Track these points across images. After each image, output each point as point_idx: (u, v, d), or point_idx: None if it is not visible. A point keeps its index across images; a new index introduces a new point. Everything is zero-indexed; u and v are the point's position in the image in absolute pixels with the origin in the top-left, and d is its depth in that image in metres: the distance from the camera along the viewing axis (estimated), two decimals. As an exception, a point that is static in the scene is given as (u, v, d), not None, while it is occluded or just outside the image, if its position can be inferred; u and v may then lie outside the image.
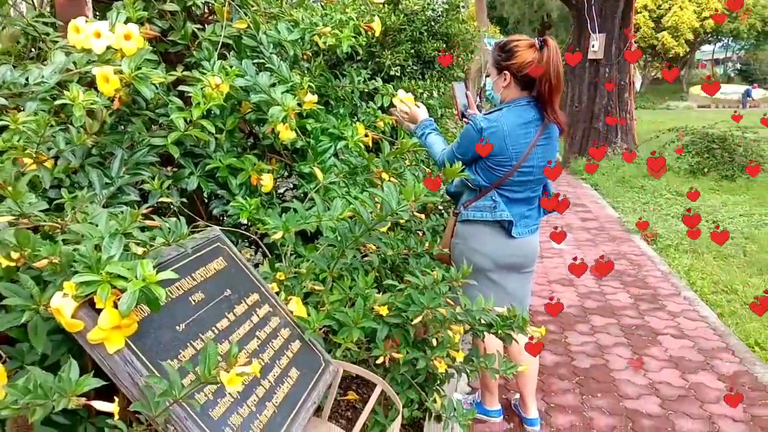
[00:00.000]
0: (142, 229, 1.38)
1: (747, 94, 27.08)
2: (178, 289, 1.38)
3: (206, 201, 2.30)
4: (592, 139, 10.23)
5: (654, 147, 9.22)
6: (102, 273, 1.11)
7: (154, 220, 1.39)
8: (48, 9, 2.60)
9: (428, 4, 5.90)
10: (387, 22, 5.60)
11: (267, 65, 2.31)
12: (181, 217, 1.77)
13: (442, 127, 5.83)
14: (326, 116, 2.59)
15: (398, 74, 5.67)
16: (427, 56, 6.12)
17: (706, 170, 8.19)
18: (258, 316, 1.55)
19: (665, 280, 4.33)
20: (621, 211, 6.61)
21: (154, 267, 1.26)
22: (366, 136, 2.42)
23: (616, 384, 2.79)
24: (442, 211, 3.16)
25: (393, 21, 5.60)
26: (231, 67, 2.21)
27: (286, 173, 2.53)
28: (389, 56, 5.67)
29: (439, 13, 6.03)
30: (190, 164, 2.15)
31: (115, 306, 1.07)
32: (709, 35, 32.62)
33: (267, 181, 2.16)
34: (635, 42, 10.90)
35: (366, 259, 2.15)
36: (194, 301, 1.40)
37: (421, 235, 2.56)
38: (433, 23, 6.11)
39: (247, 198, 2.13)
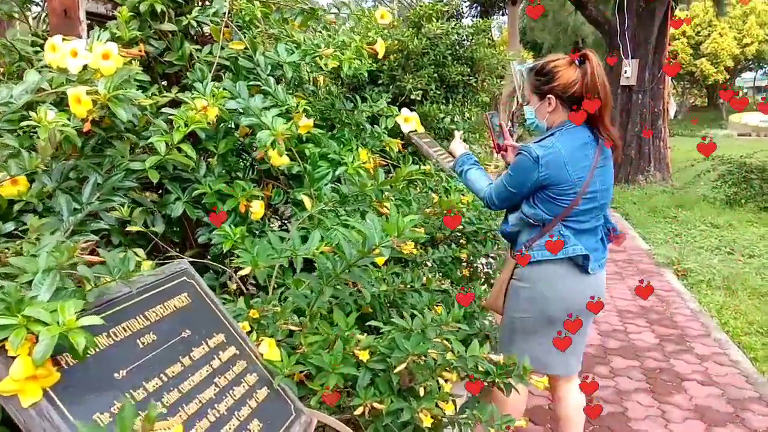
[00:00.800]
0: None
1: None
2: (126, 330, 1.26)
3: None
4: (625, 167, 9.95)
5: (689, 176, 8.91)
6: (19, 316, 0.99)
7: (98, 254, 1.27)
8: (43, 28, 2.56)
9: (453, 28, 5.80)
10: (410, 45, 5.51)
11: (263, 88, 2.21)
12: (137, 250, 1.66)
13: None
14: (327, 141, 2.47)
15: (419, 98, 5.57)
16: (450, 80, 6.01)
17: (743, 201, 7.84)
18: (220, 359, 1.42)
19: (695, 319, 4.06)
20: (651, 243, 6.33)
21: (86, 308, 1.14)
22: (366, 162, 2.30)
23: (634, 436, 2.56)
24: (451, 243, 3.00)
25: (416, 45, 5.50)
26: (224, 89, 2.13)
27: (284, 200, 2.42)
28: (410, 80, 5.57)
29: (464, 37, 5.92)
30: (177, 189, 2.05)
31: (33, 353, 0.95)
32: (750, 62, 31.90)
33: (257, 209, 2.05)
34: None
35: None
36: (143, 343, 1.28)
37: (424, 268, 2.41)
38: (457, 47, 6.01)
39: (234, 226, 2.02)
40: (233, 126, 2.27)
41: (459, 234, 3.00)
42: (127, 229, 1.74)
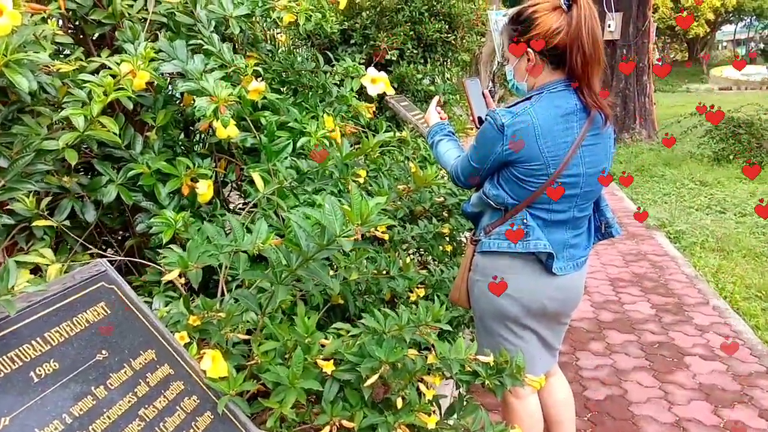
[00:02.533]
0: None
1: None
2: (14, 361, 0.98)
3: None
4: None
5: (675, 132, 8.70)
6: None
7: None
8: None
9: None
10: (383, 1, 5.15)
11: (205, 47, 1.90)
12: (43, 250, 1.38)
13: (451, 115, 5.36)
14: (287, 107, 2.17)
15: (395, 58, 5.23)
16: (428, 39, 5.65)
17: (731, 157, 7.65)
18: (148, 384, 1.15)
19: (691, 285, 3.87)
20: (640, 204, 6.12)
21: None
22: (332, 131, 2.01)
23: (635, 422, 2.35)
24: (432, 217, 2.73)
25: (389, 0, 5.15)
26: (158, 51, 1.82)
27: (239, 178, 2.13)
28: (385, 39, 5.22)
29: (441, -10, 5.55)
30: (109, 170, 1.75)
31: None
32: (731, 14, 31.58)
33: (203, 189, 1.76)
34: (654, 22, 10.30)
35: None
36: (40, 375, 1.00)
37: (404, 248, 2.14)
38: (434, 2, 5.64)
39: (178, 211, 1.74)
40: (177, 94, 1.97)
41: (440, 207, 2.73)
42: (33, 224, 1.44)
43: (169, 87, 1.95)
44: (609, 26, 9.25)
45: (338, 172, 1.65)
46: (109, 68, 1.58)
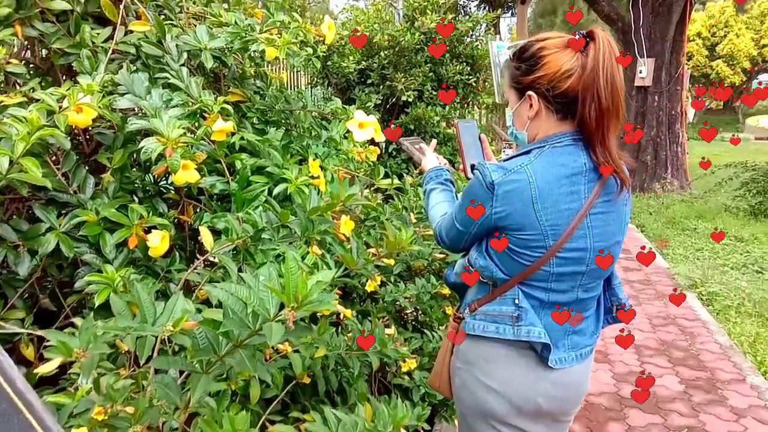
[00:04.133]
0: None
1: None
2: None
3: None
4: (640, 174, 9.34)
5: (709, 184, 8.30)
6: None
7: None
8: None
9: (450, 22, 5.26)
10: (401, 40, 4.98)
11: (171, 81, 1.70)
12: None
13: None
14: (267, 150, 1.94)
15: (412, 99, 5.04)
16: (448, 80, 5.46)
17: (769, 212, 7.23)
18: None
19: (725, 356, 3.49)
20: (670, 260, 5.74)
21: None
22: (315, 177, 1.77)
23: None
24: (433, 275, 2.46)
25: (408, 40, 4.96)
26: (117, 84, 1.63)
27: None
28: (402, 79, 5.03)
29: (463, 32, 5.38)
30: (51, 216, 1.53)
31: None
32: (768, 63, 31.05)
33: (155, 242, 1.51)
34: (687, 69, 10.04)
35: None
36: None
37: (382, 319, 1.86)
38: (456, 43, 5.46)
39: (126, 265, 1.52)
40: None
41: (443, 263, 2.46)
42: None
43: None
44: (640, 72, 8.98)
45: (301, 229, 1.40)
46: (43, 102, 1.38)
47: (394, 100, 5.14)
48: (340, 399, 1.85)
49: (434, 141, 1.81)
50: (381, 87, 5.14)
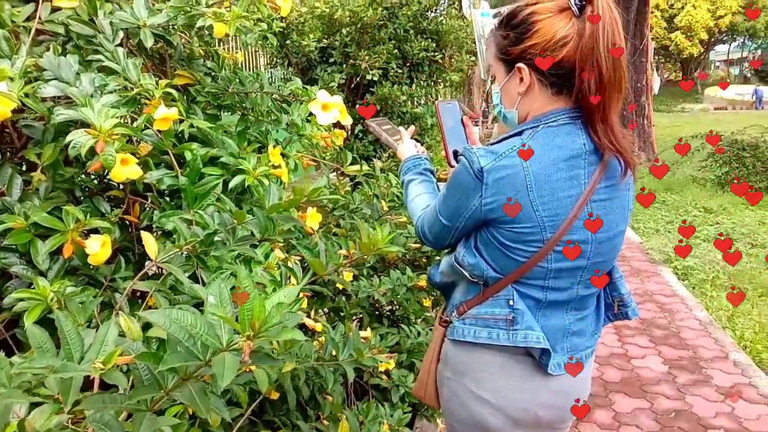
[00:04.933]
0: None
1: (757, 94, 25.48)
2: None
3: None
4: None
5: (676, 156, 8.32)
6: None
7: None
8: None
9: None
10: (364, 16, 4.77)
11: (105, 64, 1.49)
12: None
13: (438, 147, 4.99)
14: (223, 138, 1.74)
15: (377, 78, 4.84)
16: (414, 58, 5.27)
17: (736, 182, 7.26)
18: None
19: (705, 333, 3.43)
20: (642, 234, 5.71)
21: None
22: (276, 166, 1.59)
23: None
24: (408, 265, 2.31)
25: (370, 15, 4.75)
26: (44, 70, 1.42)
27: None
28: (366, 57, 4.83)
29: (427, 6, 5.18)
30: (-27, 224, 1.32)
31: None
32: (724, 34, 31.57)
33: (94, 248, 1.31)
34: (651, 41, 10.02)
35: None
36: None
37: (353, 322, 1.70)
38: (420, 18, 5.27)
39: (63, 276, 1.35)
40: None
41: (418, 253, 2.31)
42: None
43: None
44: (605, 45, 8.93)
45: (260, 230, 1.22)
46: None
47: (358, 79, 4.93)
48: (313, 409, 1.69)
49: (412, 127, 1.64)
50: (344, 66, 4.93)
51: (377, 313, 2.39)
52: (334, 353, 1.39)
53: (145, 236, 1.22)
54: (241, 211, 1.20)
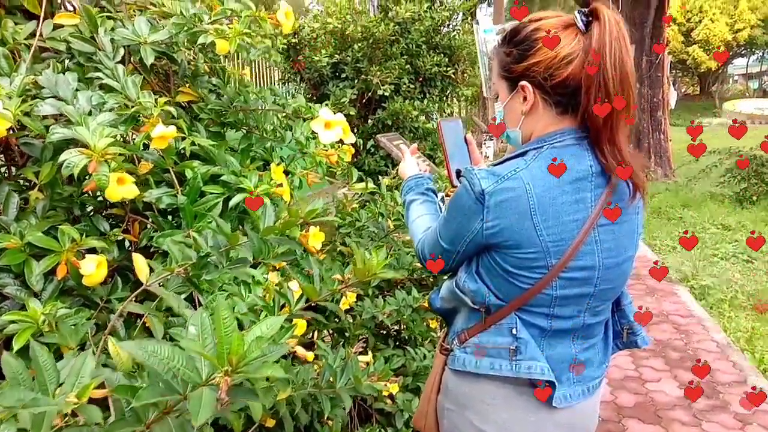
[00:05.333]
0: None
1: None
2: None
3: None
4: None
5: (693, 171, 8.21)
6: None
7: None
8: None
9: (425, 11, 5.05)
10: (375, 32, 4.76)
11: (104, 81, 1.47)
12: None
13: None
14: (224, 156, 1.72)
15: (388, 93, 4.82)
16: (426, 73, 5.26)
17: (755, 198, 7.13)
18: None
19: (723, 356, 3.34)
20: (659, 251, 5.61)
21: None
22: (279, 185, 1.57)
23: None
24: (415, 285, 2.26)
25: (382, 31, 4.74)
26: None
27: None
28: (377, 73, 4.81)
29: (440, 21, 5.17)
30: (-34, 243, 1.30)
31: None
32: (743, 48, 31.27)
33: (89, 269, 1.29)
34: (667, 55, 9.95)
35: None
36: None
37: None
38: (433, 34, 5.26)
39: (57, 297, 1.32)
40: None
41: (425, 272, 2.27)
42: None
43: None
44: (621, 60, 8.86)
45: (254, 253, 1.18)
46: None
47: (369, 94, 4.92)
48: (313, 436, 1.65)
49: (414, 145, 1.60)
50: (356, 81, 4.93)
51: (384, 333, 2.34)
52: (331, 379, 1.34)
53: (136, 258, 1.19)
54: (235, 234, 1.17)
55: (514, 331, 1.09)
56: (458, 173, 1.33)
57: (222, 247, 1.19)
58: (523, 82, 1.07)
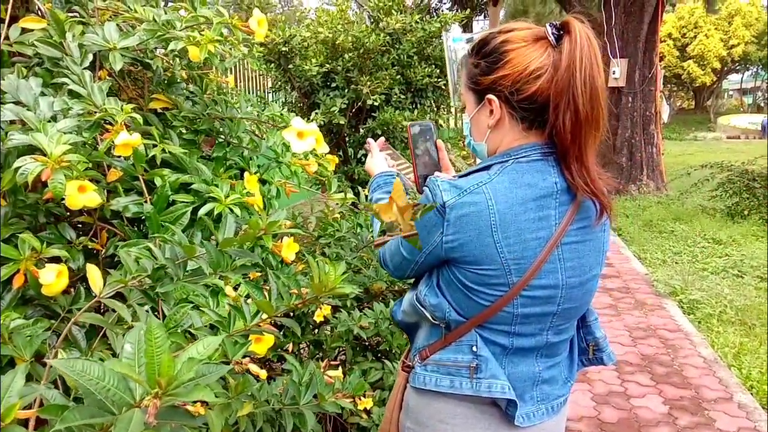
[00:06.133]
0: None
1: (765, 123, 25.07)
2: None
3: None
4: (614, 176, 9.22)
5: (685, 185, 8.20)
6: None
7: None
8: None
9: (417, 22, 5.04)
10: (366, 42, 4.74)
11: (71, 87, 1.44)
12: None
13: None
14: (195, 164, 1.69)
15: (378, 103, 4.80)
16: (417, 83, 5.24)
17: (746, 213, 7.12)
18: None
19: (709, 371, 3.30)
20: (649, 265, 5.58)
21: None
22: (251, 194, 1.55)
23: None
24: (394, 297, 2.23)
25: (373, 41, 4.73)
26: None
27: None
28: (368, 83, 4.79)
29: (431, 33, 5.16)
30: None
31: None
32: (737, 64, 31.48)
33: (49, 279, 1.25)
34: (661, 69, 9.98)
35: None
36: None
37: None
38: (424, 45, 5.25)
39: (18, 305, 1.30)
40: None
41: (406, 284, 2.24)
42: None
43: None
44: (614, 73, 8.88)
45: (211, 265, 1.15)
46: None
47: (360, 104, 4.90)
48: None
49: (381, 138, 1.58)
50: (346, 90, 4.91)
51: (363, 345, 2.31)
52: (294, 396, 1.30)
53: (90, 269, 1.15)
54: (191, 246, 1.13)
55: (474, 349, 1.05)
56: (425, 179, 1.30)
57: (179, 258, 1.16)
58: (490, 96, 1.04)
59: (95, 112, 1.40)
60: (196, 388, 0.68)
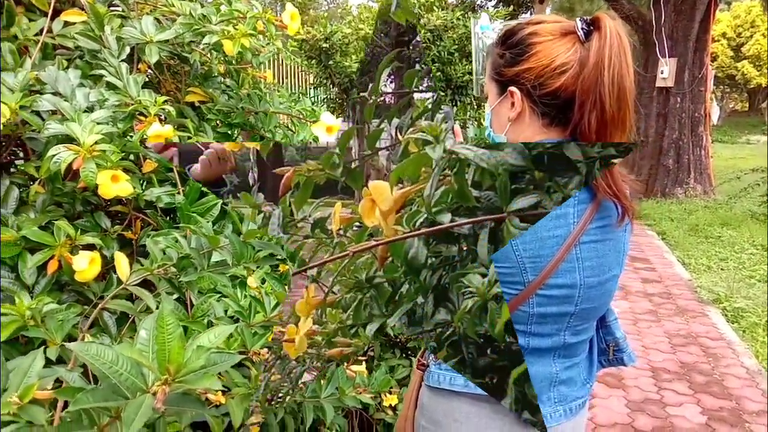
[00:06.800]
0: None
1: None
2: None
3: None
4: (661, 178, 8.98)
5: (734, 189, 7.94)
6: None
7: None
8: None
9: (458, 19, 5.01)
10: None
11: (107, 79, 1.48)
12: None
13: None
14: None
15: (418, 101, 4.79)
16: (458, 80, 5.22)
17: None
18: None
19: (752, 382, 3.18)
20: (693, 270, 5.42)
21: None
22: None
23: None
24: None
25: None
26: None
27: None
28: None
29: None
30: (-35, 234, 1.32)
31: None
32: (796, 65, 30.25)
33: (81, 265, 1.29)
34: (712, 70, 9.69)
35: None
36: None
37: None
38: (466, 42, 5.22)
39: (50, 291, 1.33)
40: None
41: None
42: None
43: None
44: (662, 72, 8.64)
45: (232, 257, 1.16)
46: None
47: (399, 101, 4.91)
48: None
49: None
50: (386, 87, 4.92)
51: (394, 341, 2.31)
52: (316, 389, 1.31)
53: (118, 257, 1.18)
54: (215, 236, 1.15)
55: None
56: None
57: (204, 248, 1.17)
58: (512, 88, 1.02)
59: (130, 104, 1.43)
60: (204, 376, 0.69)
